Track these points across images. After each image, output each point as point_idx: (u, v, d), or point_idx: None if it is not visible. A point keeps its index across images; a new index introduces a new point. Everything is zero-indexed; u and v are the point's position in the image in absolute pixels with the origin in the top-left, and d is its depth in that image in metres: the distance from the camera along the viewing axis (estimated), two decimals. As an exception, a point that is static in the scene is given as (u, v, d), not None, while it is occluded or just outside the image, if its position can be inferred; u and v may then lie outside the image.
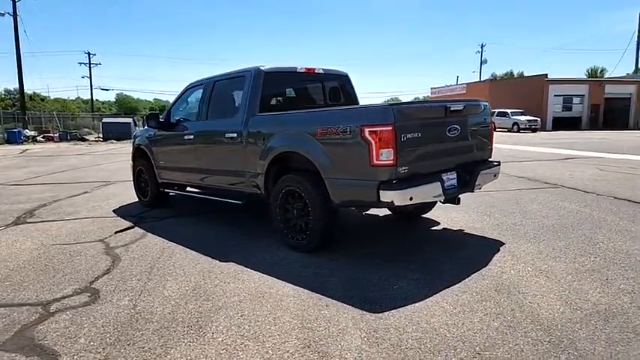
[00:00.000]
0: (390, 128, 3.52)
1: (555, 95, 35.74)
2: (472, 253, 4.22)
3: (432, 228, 5.11)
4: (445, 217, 5.49)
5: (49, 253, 4.57)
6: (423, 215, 5.56)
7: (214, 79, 5.54)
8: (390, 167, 3.58)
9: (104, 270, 4.03)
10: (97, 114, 49.17)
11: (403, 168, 3.64)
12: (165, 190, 6.44)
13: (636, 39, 40.46)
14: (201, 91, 5.73)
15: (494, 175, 4.65)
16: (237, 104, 5.10)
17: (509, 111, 32.29)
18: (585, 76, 55.57)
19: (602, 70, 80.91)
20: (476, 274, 3.65)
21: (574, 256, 4.04)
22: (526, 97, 35.31)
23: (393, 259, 4.08)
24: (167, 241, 4.90)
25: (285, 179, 4.38)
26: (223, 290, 3.47)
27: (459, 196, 4.27)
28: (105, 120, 33.64)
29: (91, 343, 2.71)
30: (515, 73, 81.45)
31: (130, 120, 34.44)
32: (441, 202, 4.32)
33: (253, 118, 4.73)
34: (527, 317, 2.89)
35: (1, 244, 4.95)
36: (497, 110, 30.40)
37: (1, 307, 3.29)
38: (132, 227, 5.57)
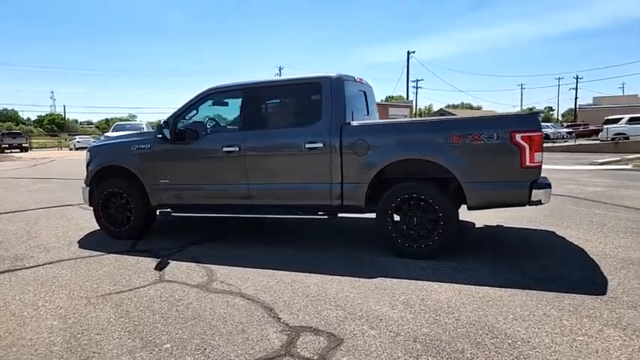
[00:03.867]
0: (540, 134, 3.97)
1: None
2: (551, 241, 4.96)
3: (477, 227, 5.69)
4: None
5: (128, 306, 3.45)
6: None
7: (259, 85, 4.99)
8: (539, 169, 4.02)
9: (261, 307, 3.32)
10: None
11: (540, 169, 4.13)
12: (172, 214, 5.36)
13: (406, 72, 49.43)
14: (238, 98, 5.07)
15: None
16: (313, 112, 4.73)
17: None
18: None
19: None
20: (593, 256, 4.33)
21: (609, 233, 5.15)
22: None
23: (504, 256, 4.48)
24: (256, 269, 4.19)
25: (401, 187, 4.33)
26: (437, 301, 3.32)
27: None
28: None
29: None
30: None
31: None
32: None
33: (348, 127, 4.51)
34: (686, 277, 3.72)
35: (12, 303, 3.46)
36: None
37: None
38: (165, 262, 4.51)
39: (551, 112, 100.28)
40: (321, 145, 4.53)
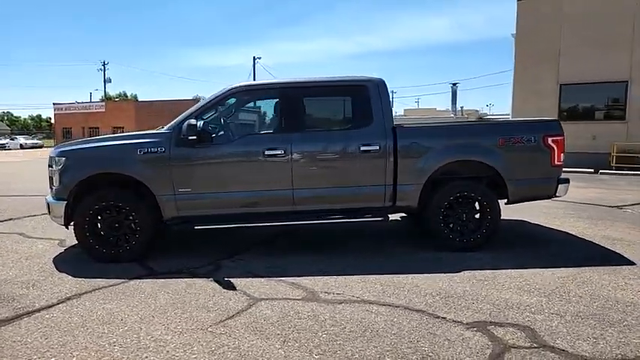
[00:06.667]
0: (563, 137, 4.79)
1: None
2: (535, 228, 5.90)
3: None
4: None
5: (270, 330, 3.07)
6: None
7: (300, 85, 4.78)
8: (562, 167, 4.83)
9: (411, 311, 3.30)
10: None
11: (557, 168, 4.96)
12: (195, 227, 4.70)
13: (253, 77, 49.73)
14: (273, 98, 4.76)
15: None
16: (363, 114, 4.72)
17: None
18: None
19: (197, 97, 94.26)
20: (581, 236, 5.36)
21: (564, 218, 6.38)
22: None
23: (518, 243, 5.19)
24: (337, 277, 4.06)
25: (454, 186, 4.68)
26: (541, 285, 3.78)
27: None
28: None
29: None
30: (128, 95, 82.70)
31: None
32: None
33: (402, 129, 4.68)
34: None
35: (108, 351, 2.76)
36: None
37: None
38: (226, 282, 4.01)
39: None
40: (377, 147, 4.59)
